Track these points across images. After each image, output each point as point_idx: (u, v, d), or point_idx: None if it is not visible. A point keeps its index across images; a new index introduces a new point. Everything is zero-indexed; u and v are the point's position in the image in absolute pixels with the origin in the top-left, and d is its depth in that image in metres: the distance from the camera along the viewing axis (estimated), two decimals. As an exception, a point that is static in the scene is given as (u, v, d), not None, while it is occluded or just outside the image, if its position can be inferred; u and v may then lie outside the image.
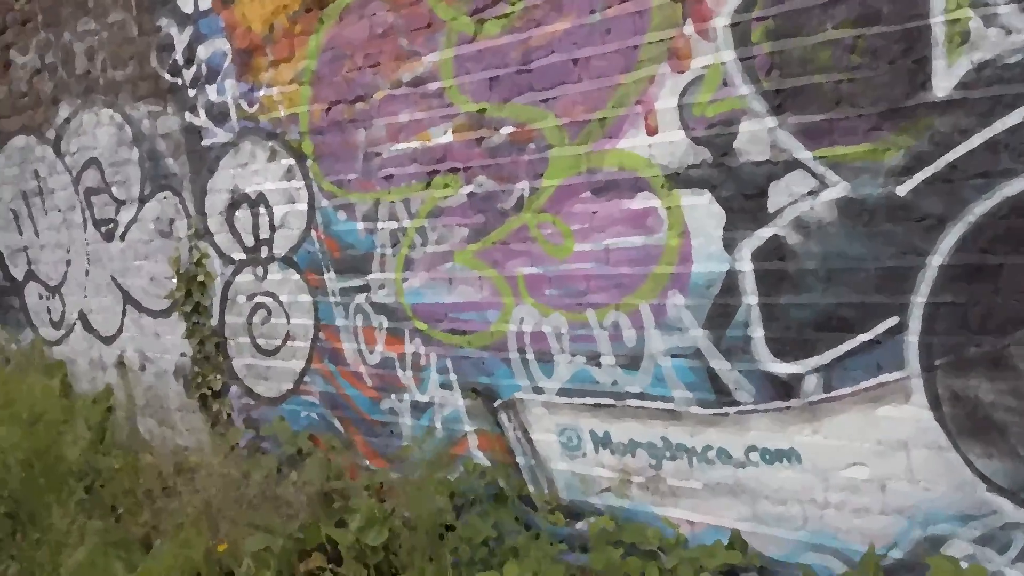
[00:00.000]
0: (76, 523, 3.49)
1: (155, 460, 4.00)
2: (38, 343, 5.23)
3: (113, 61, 4.32)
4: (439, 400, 3.22)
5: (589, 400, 2.79)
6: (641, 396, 2.66)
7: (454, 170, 3.03)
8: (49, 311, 5.15)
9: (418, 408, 3.30)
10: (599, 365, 2.74)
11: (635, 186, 2.59)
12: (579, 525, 2.87)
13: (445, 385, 3.19)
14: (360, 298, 3.41)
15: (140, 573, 3.15)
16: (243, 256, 3.85)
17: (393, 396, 3.37)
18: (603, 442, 2.78)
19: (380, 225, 3.29)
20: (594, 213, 2.70)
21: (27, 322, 5.34)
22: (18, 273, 5.32)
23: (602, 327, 2.72)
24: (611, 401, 2.73)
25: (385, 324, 3.35)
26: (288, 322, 3.71)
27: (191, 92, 3.92)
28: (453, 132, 3.01)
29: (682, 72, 2.45)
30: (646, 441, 2.68)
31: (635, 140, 2.57)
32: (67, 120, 4.68)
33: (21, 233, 5.21)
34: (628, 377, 2.68)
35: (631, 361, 2.67)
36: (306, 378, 3.68)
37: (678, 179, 2.49)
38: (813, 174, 2.25)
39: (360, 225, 3.35)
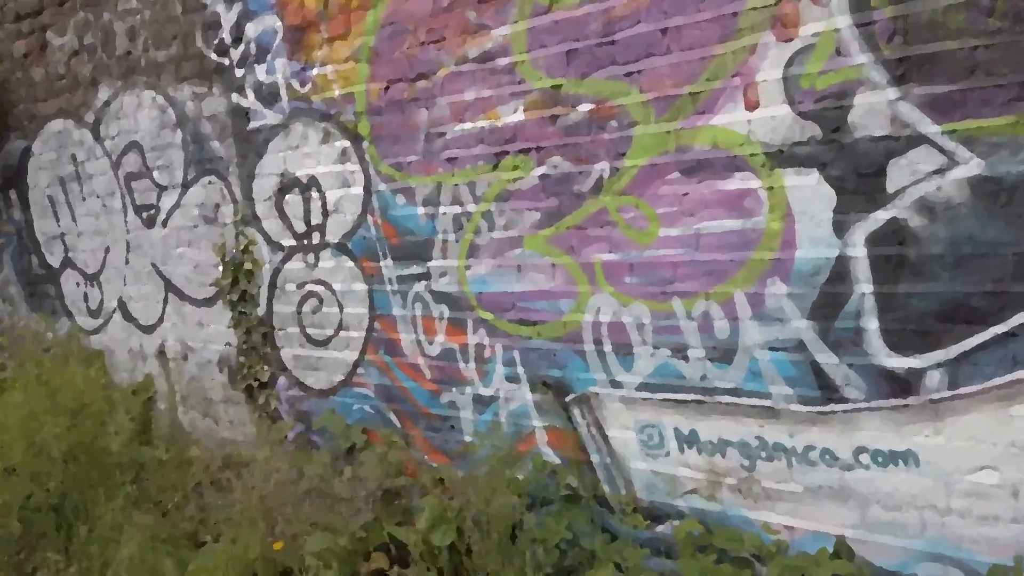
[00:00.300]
0: (124, 517, 3.38)
1: (202, 453, 3.87)
2: (75, 332, 5.12)
3: (155, 41, 4.18)
4: (505, 394, 3.06)
5: (674, 395, 2.61)
6: (734, 392, 2.48)
7: (525, 151, 2.86)
8: (87, 299, 5.04)
9: (481, 402, 3.13)
10: (686, 358, 2.57)
11: (731, 165, 2.40)
12: (660, 528, 2.70)
13: (511, 378, 3.02)
14: (419, 286, 3.25)
15: (193, 571, 3.02)
16: (293, 243, 3.70)
17: (454, 389, 3.21)
18: (689, 440, 2.60)
19: (442, 210, 3.12)
20: (683, 195, 2.51)
21: (63, 310, 5.24)
22: (55, 260, 5.21)
23: (690, 317, 2.54)
24: (699, 397, 2.55)
25: (446, 314, 3.18)
26: (341, 311, 3.55)
27: (239, 72, 3.77)
28: (524, 110, 2.83)
29: (789, 40, 2.25)
30: (738, 440, 2.50)
31: (732, 116, 2.38)
32: (107, 103, 4.54)
33: (58, 220, 5.10)
34: (719, 371, 2.50)
35: (723, 354, 2.49)
36: (360, 370, 3.53)
37: (781, 157, 2.30)
38: (941, 150, 2.05)
39: (420, 210, 3.19)
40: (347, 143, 3.39)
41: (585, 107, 2.68)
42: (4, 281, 5.67)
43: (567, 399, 2.88)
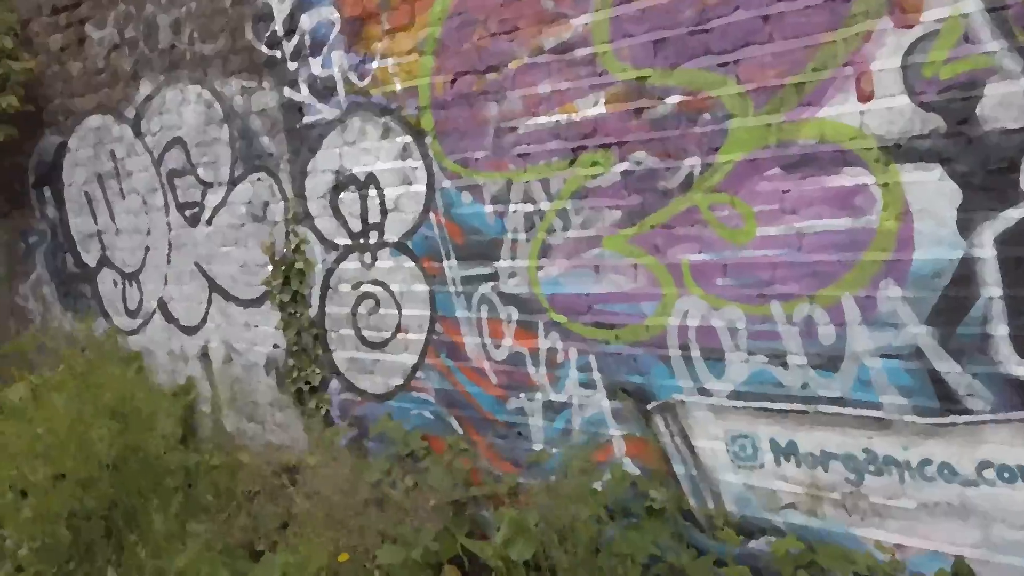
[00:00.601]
0: (176, 526, 3.27)
1: (250, 458, 3.75)
2: (112, 333, 5.01)
3: (202, 34, 4.06)
4: (578, 400, 2.92)
5: (770, 404, 2.47)
6: (839, 401, 2.34)
7: (605, 146, 2.72)
8: (125, 299, 4.93)
9: (552, 409, 3.00)
10: (785, 365, 2.42)
11: (840, 160, 2.26)
12: (751, 544, 2.56)
13: (586, 384, 2.89)
14: (486, 287, 3.12)
15: (254, 583, 2.90)
16: (348, 242, 3.57)
17: (523, 395, 3.08)
18: (787, 452, 2.46)
19: (512, 208, 2.99)
20: (784, 192, 2.37)
21: (100, 310, 5.13)
22: (91, 259, 5.10)
23: (791, 322, 2.40)
24: (800, 406, 2.41)
25: (515, 316, 3.05)
26: (399, 313, 3.43)
27: (291, 65, 3.65)
28: (605, 103, 2.70)
29: (909, 27, 2.11)
30: (843, 453, 2.35)
31: (842, 107, 2.24)
32: (148, 98, 4.43)
33: (95, 217, 5.00)
34: (823, 379, 2.36)
35: (827, 361, 2.35)
36: (419, 373, 3.40)
37: (898, 152, 2.16)
38: (1086, 144, 1.91)
39: (488, 208, 3.06)
40: (408, 138, 3.26)
41: (674, 99, 2.54)
42: (37, 280, 5.58)
43: (648, 407, 2.74)
